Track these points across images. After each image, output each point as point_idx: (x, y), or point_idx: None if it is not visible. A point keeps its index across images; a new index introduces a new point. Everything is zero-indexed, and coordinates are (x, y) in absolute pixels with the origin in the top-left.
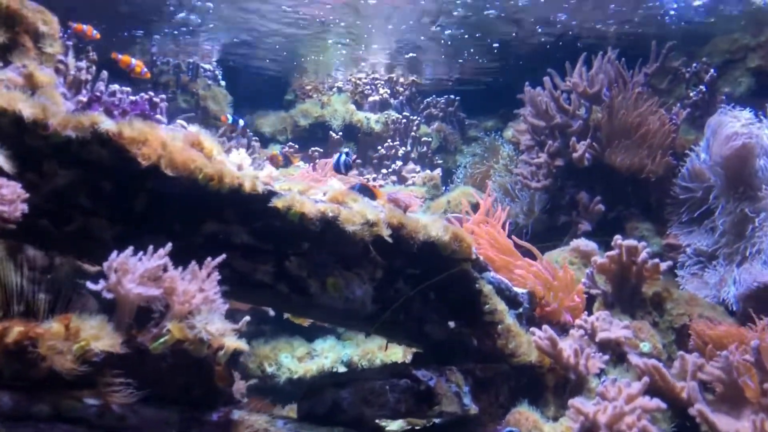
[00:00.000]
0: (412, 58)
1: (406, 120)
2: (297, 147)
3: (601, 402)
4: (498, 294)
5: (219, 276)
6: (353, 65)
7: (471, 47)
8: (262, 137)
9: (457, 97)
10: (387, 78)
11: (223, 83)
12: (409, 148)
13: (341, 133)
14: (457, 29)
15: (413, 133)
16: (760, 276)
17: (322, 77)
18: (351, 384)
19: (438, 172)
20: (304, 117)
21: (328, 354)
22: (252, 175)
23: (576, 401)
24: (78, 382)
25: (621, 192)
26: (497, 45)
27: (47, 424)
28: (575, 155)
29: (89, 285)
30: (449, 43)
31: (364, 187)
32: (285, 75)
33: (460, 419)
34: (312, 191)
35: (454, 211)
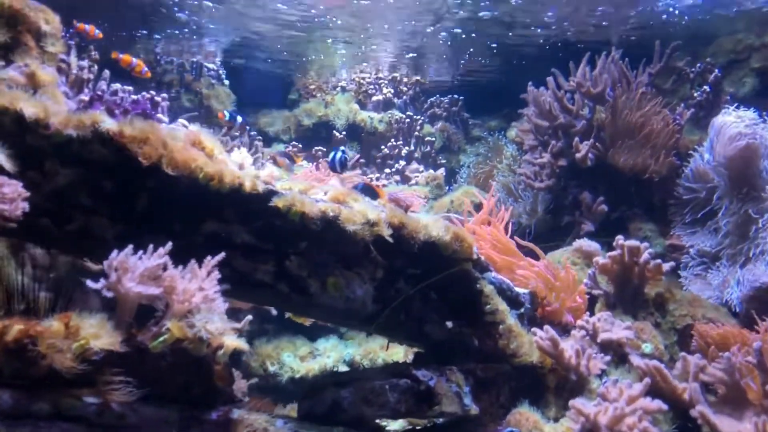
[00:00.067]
0: (415, 57)
1: (409, 119)
2: (300, 146)
3: (602, 403)
4: (499, 294)
5: (219, 275)
6: (357, 65)
7: (474, 47)
8: (265, 136)
9: (461, 97)
10: (391, 77)
11: (227, 82)
12: (413, 147)
13: (345, 133)
14: (461, 28)
15: (417, 133)
16: (763, 277)
17: (326, 77)
18: (351, 383)
19: (441, 171)
20: (307, 116)
21: (330, 353)
22: (252, 175)
23: (577, 402)
24: (78, 380)
25: (624, 192)
26: (501, 44)
27: (47, 422)
28: (578, 155)
29: (89, 283)
30: (449, 43)
31: (367, 187)
32: (289, 74)
33: (460, 419)
34: (313, 191)
35: (457, 211)
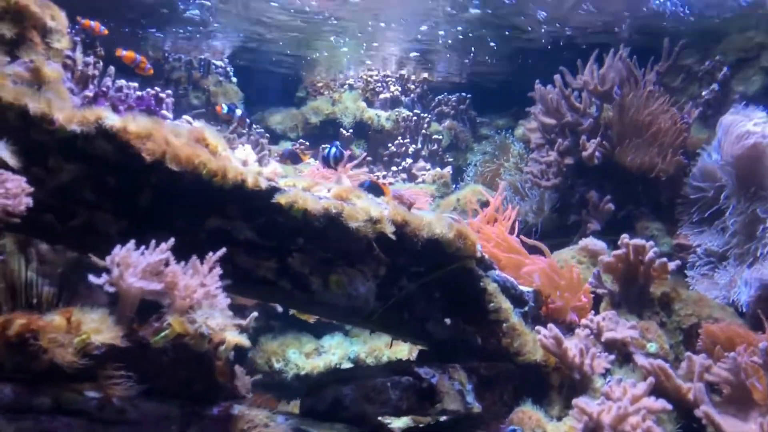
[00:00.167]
0: (422, 55)
1: (416, 118)
2: (308, 144)
3: (606, 402)
4: (503, 292)
5: (221, 271)
6: (364, 62)
7: (481, 45)
8: (273, 134)
9: (469, 95)
10: (398, 75)
11: (235, 80)
12: (420, 145)
13: (352, 131)
14: (469, 26)
15: (424, 131)
16: None
17: (333, 74)
18: (353, 381)
19: (448, 170)
20: (315, 114)
21: (335, 351)
22: (255, 171)
23: (580, 401)
24: (79, 374)
25: (631, 191)
26: (509, 42)
27: (48, 416)
28: (585, 154)
29: (91, 278)
30: (456, 41)
31: (373, 185)
32: (297, 72)
33: (463, 417)
34: (316, 188)
35: (463, 210)
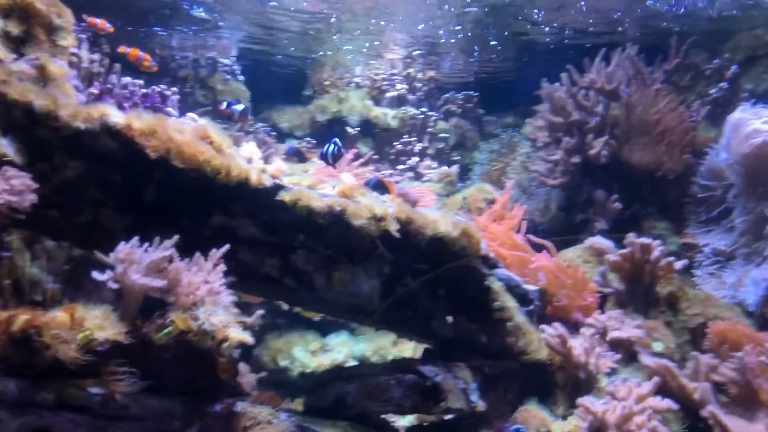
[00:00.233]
0: (428, 53)
1: (423, 116)
2: (315, 142)
3: (611, 401)
4: (508, 291)
5: (225, 268)
6: (368, 62)
7: (486, 44)
8: (280, 132)
9: (476, 93)
10: (405, 74)
11: (242, 78)
12: (426, 144)
13: (358, 129)
14: (471, 26)
15: (430, 130)
16: None
17: (340, 73)
18: (357, 379)
19: (455, 168)
20: (321, 112)
21: (341, 349)
22: (259, 169)
23: (585, 400)
24: (82, 371)
25: (638, 190)
26: (517, 40)
27: (51, 412)
28: (592, 152)
29: (95, 275)
30: (464, 39)
31: (380, 183)
32: (304, 70)
33: (468, 416)
34: (321, 185)
35: (470, 208)
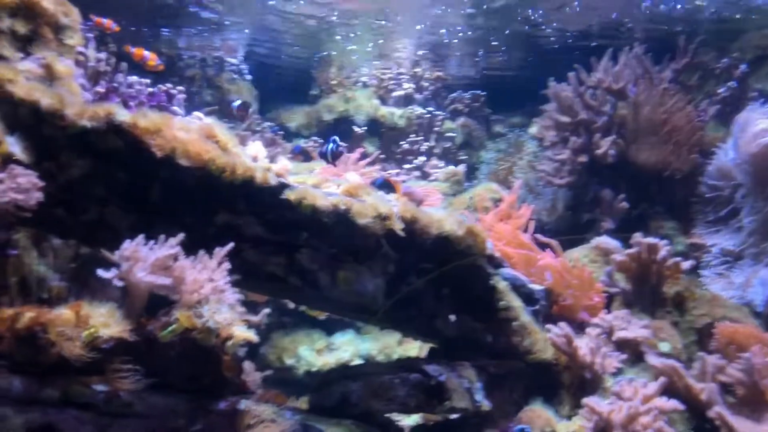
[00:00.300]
0: (435, 53)
1: (430, 115)
2: (322, 142)
3: (617, 401)
4: (514, 291)
5: (230, 266)
6: (372, 62)
7: (496, 42)
8: (287, 132)
9: (483, 93)
10: (412, 73)
11: (249, 78)
12: (433, 143)
13: (365, 128)
14: (484, 22)
15: (437, 129)
16: None
17: (347, 72)
18: (361, 377)
19: (461, 167)
20: (328, 112)
21: (347, 348)
22: (264, 167)
23: (590, 400)
24: (87, 368)
25: (645, 189)
26: (524, 39)
27: (56, 408)
28: (599, 152)
29: (100, 273)
30: (471, 38)
31: (386, 182)
32: (311, 70)
33: (472, 415)
34: (326, 184)
35: (476, 208)
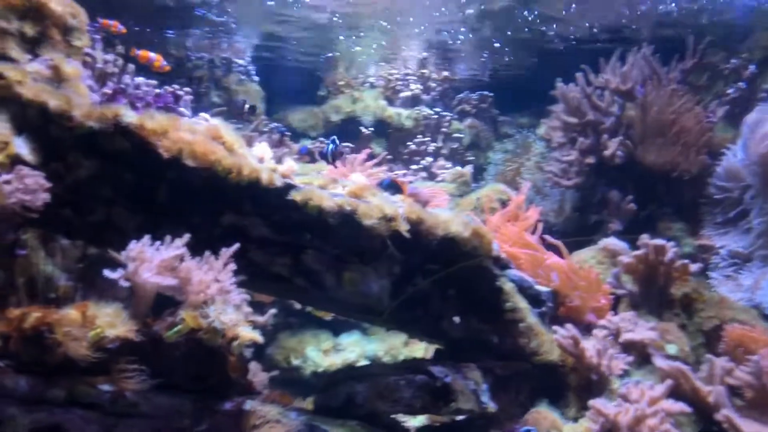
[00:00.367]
0: (441, 54)
1: (437, 116)
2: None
3: (623, 404)
4: (520, 292)
5: (236, 267)
6: (378, 62)
7: (504, 43)
8: (294, 132)
9: (491, 94)
10: (419, 74)
11: (257, 78)
12: (441, 144)
13: (372, 129)
14: (490, 23)
15: (445, 130)
16: None
17: (354, 73)
18: (367, 378)
19: (468, 168)
20: (335, 112)
21: (353, 348)
22: (270, 168)
23: (597, 402)
24: (93, 368)
25: (653, 191)
26: (532, 40)
27: (62, 408)
28: (606, 153)
29: (107, 273)
30: (479, 39)
31: (393, 183)
32: (318, 70)
33: (478, 417)
34: (332, 185)
35: (483, 209)
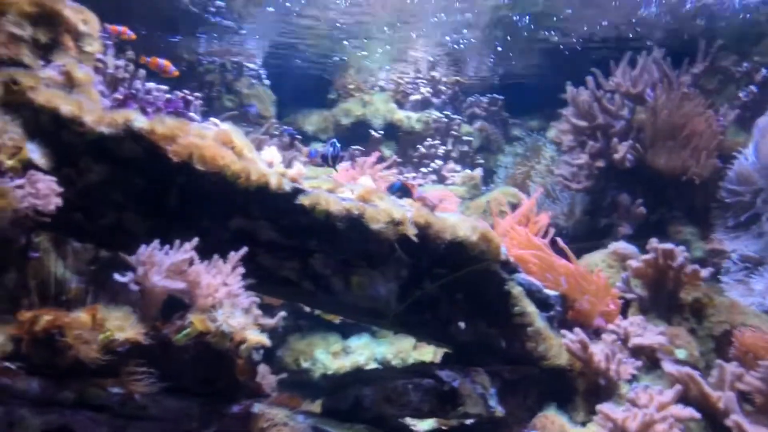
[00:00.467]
0: (451, 56)
1: (447, 119)
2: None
3: (632, 408)
4: (528, 296)
5: (244, 271)
6: (395, 64)
7: (515, 46)
8: (305, 135)
9: (501, 97)
10: (429, 77)
11: (268, 82)
12: (450, 147)
13: (382, 132)
14: (502, 27)
15: (454, 133)
16: None
17: (364, 76)
18: (375, 382)
19: (478, 171)
20: (345, 116)
21: (362, 351)
22: (279, 173)
23: (605, 406)
24: (102, 370)
25: (664, 194)
26: (543, 43)
27: (72, 410)
28: (616, 156)
29: (117, 277)
30: (490, 42)
31: (403, 186)
32: (329, 74)
33: (486, 421)
34: (340, 189)
35: (492, 212)
